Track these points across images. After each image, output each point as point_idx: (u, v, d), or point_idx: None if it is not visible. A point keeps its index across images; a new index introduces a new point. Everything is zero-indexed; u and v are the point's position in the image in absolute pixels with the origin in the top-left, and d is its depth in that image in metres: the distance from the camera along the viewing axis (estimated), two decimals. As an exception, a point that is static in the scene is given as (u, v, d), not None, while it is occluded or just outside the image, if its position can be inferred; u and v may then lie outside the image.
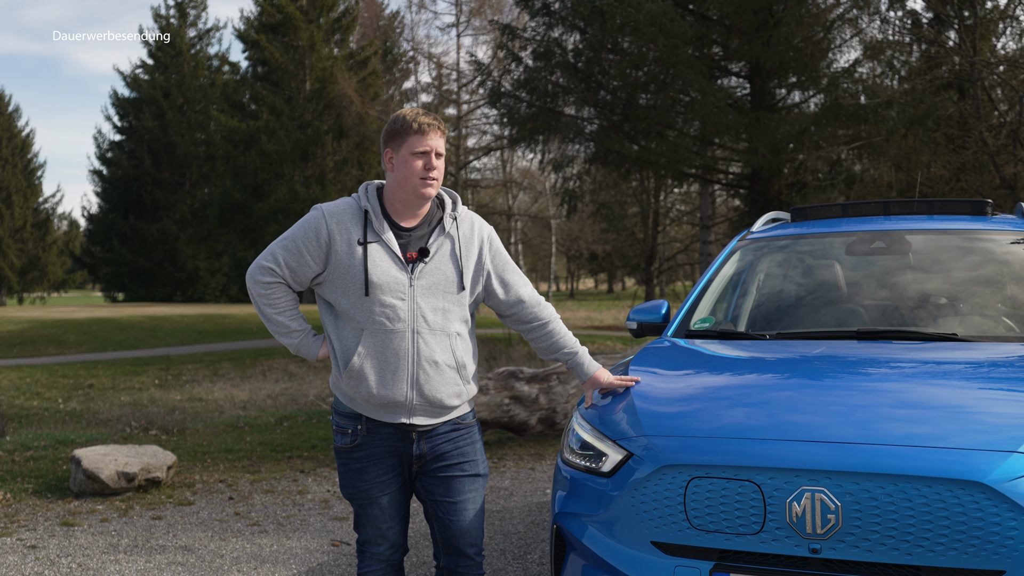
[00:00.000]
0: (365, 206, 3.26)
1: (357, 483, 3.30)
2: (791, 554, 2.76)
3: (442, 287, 3.24)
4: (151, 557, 5.28)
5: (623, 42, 16.55)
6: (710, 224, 23.17)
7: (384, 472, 3.29)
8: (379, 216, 3.24)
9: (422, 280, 3.21)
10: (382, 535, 3.35)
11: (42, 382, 16.53)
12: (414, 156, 3.18)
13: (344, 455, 3.33)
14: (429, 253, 3.23)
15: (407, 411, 3.22)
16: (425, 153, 3.18)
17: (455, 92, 36.33)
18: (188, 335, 25.72)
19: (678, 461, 2.96)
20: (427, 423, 3.26)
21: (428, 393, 3.21)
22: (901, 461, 2.73)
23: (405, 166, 3.19)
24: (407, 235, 3.26)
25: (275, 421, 10.57)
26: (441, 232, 3.29)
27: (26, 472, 7.33)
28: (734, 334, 4.43)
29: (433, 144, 3.20)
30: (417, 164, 3.18)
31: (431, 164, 3.19)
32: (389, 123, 3.26)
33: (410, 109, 3.25)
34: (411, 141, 3.19)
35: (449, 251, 3.28)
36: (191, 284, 50.34)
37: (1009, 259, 4.48)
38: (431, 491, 3.34)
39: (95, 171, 53.01)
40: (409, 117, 3.20)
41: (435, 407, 3.25)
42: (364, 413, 3.26)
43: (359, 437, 3.27)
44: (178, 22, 51.75)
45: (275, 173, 42.10)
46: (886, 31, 16.96)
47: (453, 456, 3.32)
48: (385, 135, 3.26)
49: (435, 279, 3.23)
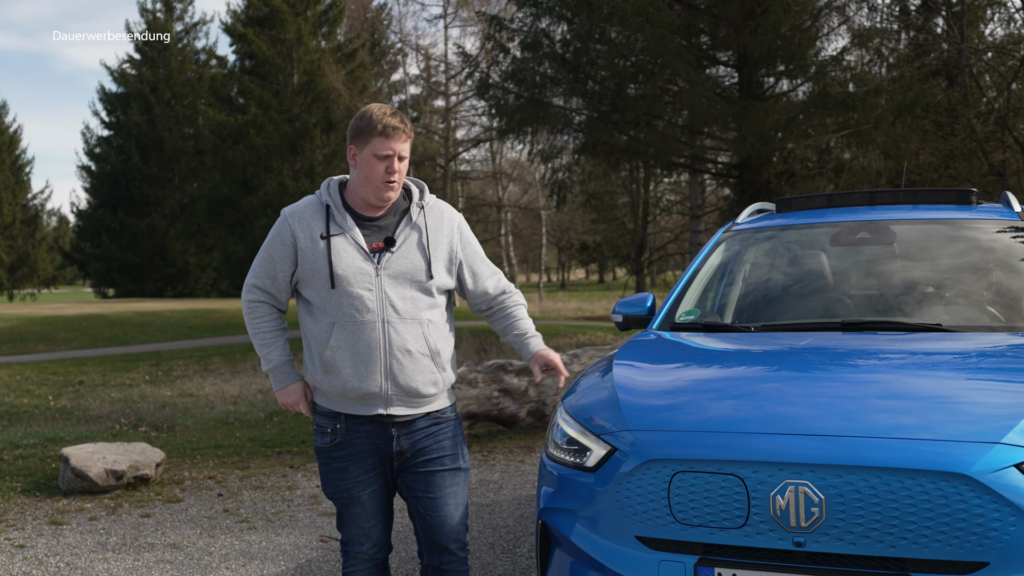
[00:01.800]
0: (326, 200, 3.27)
1: (338, 482, 3.31)
2: (775, 547, 2.75)
3: (409, 275, 3.23)
4: (139, 555, 5.27)
5: (611, 32, 16.54)
6: (700, 214, 23.18)
7: (365, 471, 3.29)
8: (341, 209, 3.25)
9: (389, 269, 3.21)
10: (364, 534, 3.35)
11: (32, 379, 16.48)
12: (376, 159, 3.17)
13: (324, 454, 3.33)
14: (395, 243, 3.23)
15: (383, 402, 3.22)
16: (388, 157, 3.17)
17: (443, 84, 36.26)
18: (178, 330, 25.67)
19: (662, 455, 2.95)
20: (405, 413, 3.25)
21: (403, 382, 3.21)
22: (884, 453, 2.72)
23: (367, 167, 3.19)
24: (372, 225, 3.27)
25: (265, 416, 10.55)
26: (408, 222, 3.29)
27: (15, 471, 7.30)
28: (719, 326, 4.42)
29: (397, 148, 3.18)
30: (379, 167, 3.18)
31: (393, 168, 3.18)
32: (356, 119, 3.25)
33: (378, 107, 3.23)
34: (375, 143, 3.17)
35: (416, 241, 3.27)
36: (181, 279, 50.24)
37: (994, 248, 4.47)
38: (412, 487, 3.33)
39: (83, 167, 52.83)
40: (375, 118, 3.18)
41: (411, 396, 3.24)
42: (341, 410, 3.26)
43: (338, 436, 3.27)
44: (165, 16, 51.53)
45: (264, 167, 42.02)
46: (874, 18, 16.99)
47: (432, 451, 3.31)
48: (351, 131, 3.25)
49: (402, 267, 3.22)
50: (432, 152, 37.29)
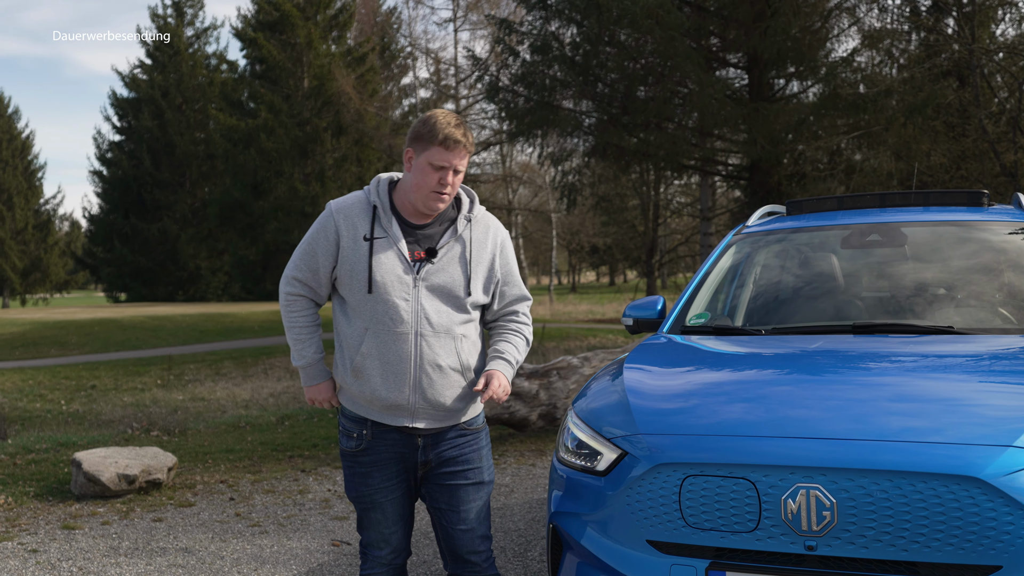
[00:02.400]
0: (374, 201, 3.18)
1: (360, 487, 3.27)
2: (787, 551, 2.75)
3: (447, 289, 3.16)
4: (151, 559, 5.28)
5: (620, 35, 16.54)
6: (710, 216, 23.16)
7: (388, 478, 3.25)
8: (388, 212, 3.17)
9: (427, 281, 3.14)
10: (384, 539, 3.32)
11: (45, 384, 16.55)
12: (432, 168, 3.09)
13: (349, 458, 3.29)
14: (437, 254, 3.15)
15: (410, 414, 3.17)
16: (443, 168, 3.09)
17: (453, 87, 36.29)
18: (190, 334, 25.74)
19: (672, 459, 2.95)
20: (431, 427, 3.20)
21: (431, 397, 3.15)
22: (895, 456, 2.71)
23: (421, 174, 3.11)
24: (416, 233, 3.18)
25: (276, 420, 10.57)
26: (453, 234, 3.20)
27: (27, 475, 7.33)
28: (730, 329, 4.41)
29: (454, 162, 3.09)
30: (432, 177, 3.09)
31: (446, 180, 3.10)
32: (419, 123, 3.15)
33: (443, 115, 3.13)
34: (433, 152, 3.08)
35: (459, 254, 3.20)
36: (192, 283, 50.38)
37: (1006, 250, 4.45)
38: (435, 499, 3.30)
39: (95, 172, 53.04)
40: (438, 126, 3.09)
41: (438, 411, 3.18)
42: (368, 416, 3.21)
43: (364, 442, 3.23)
44: (175, 21, 51.71)
45: (274, 171, 42.13)
46: (884, 19, 16.94)
47: (458, 463, 3.27)
48: (412, 134, 3.15)
49: (441, 280, 3.15)
50: (442, 155, 37.28)
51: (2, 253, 54.52)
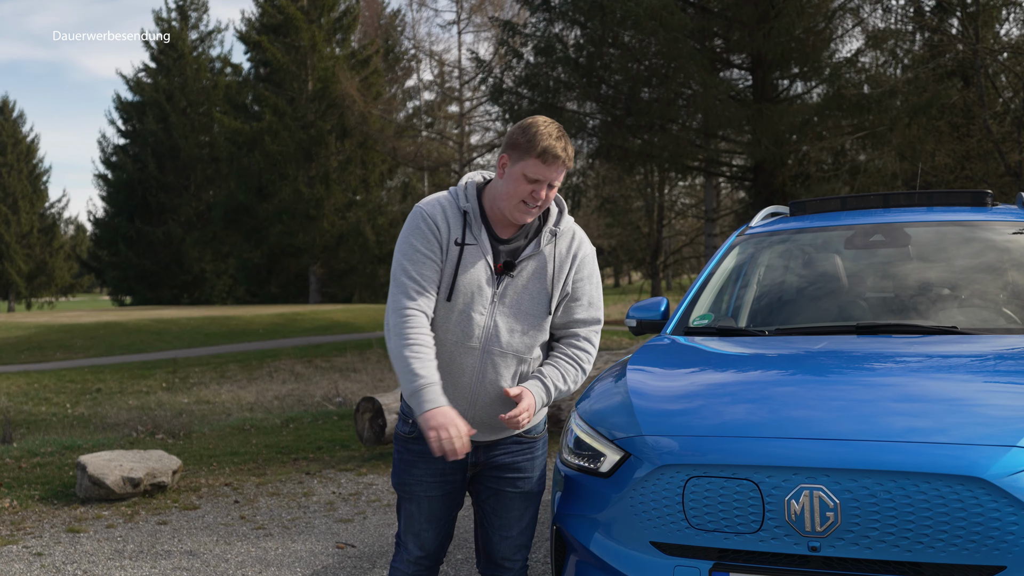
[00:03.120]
0: (465, 207, 3.03)
1: (404, 475, 3.16)
2: (790, 552, 2.74)
3: (525, 308, 3.03)
4: (156, 562, 5.29)
5: (624, 36, 16.54)
6: (715, 217, 23.14)
7: (433, 473, 3.12)
8: (478, 220, 3.03)
9: (506, 298, 3.01)
10: (415, 535, 3.20)
11: (50, 387, 16.58)
12: (525, 179, 2.93)
13: (401, 442, 3.18)
14: (514, 268, 3.01)
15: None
16: (537, 182, 2.93)
17: (457, 89, 36.33)
18: (195, 337, 25.77)
19: (675, 461, 2.94)
20: (484, 440, 3.11)
21: (485, 418, 3.05)
22: (899, 457, 2.71)
23: (513, 182, 2.94)
24: (501, 245, 3.04)
25: (281, 423, 10.58)
26: (536, 247, 3.05)
27: (32, 479, 7.34)
28: (733, 330, 4.41)
29: (550, 176, 2.93)
30: (524, 188, 2.94)
31: (539, 195, 2.94)
32: (518, 130, 2.98)
33: (545, 125, 2.95)
34: (529, 163, 2.92)
35: (540, 270, 3.05)
36: (197, 286, 50.41)
37: (1010, 250, 4.45)
38: (482, 499, 3.24)
39: (100, 175, 53.08)
40: (539, 137, 2.92)
41: (494, 429, 3.09)
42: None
43: (418, 430, 3.06)
44: (179, 25, 51.76)
45: (279, 174, 42.18)
46: (888, 20, 16.93)
47: (509, 469, 3.18)
48: (509, 140, 2.99)
49: (519, 298, 3.02)
50: (446, 157, 37.37)
51: (7, 257, 54.64)
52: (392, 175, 45.04)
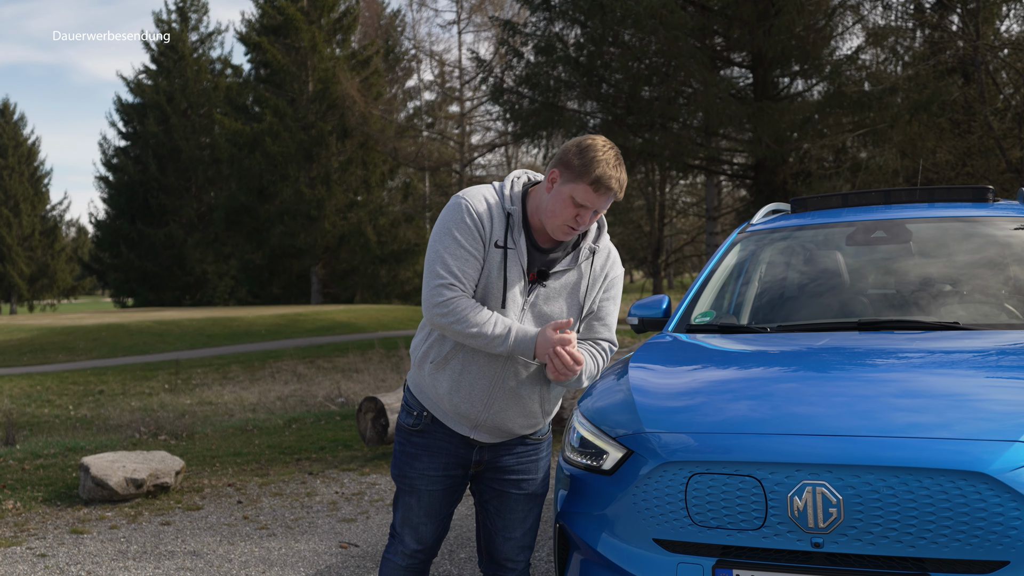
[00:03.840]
0: (511, 209, 2.95)
1: (405, 467, 3.13)
2: (793, 549, 2.74)
3: (554, 319, 2.97)
4: (160, 563, 5.29)
5: (624, 35, 16.54)
6: (716, 215, 23.13)
7: (436, 468, 3.10)
8: (519, 226, 2.95)
9: (536, 307, 2.97)
10: (412, 527, 3.18)
11: (53, 389, 16.59)
12: (572, 202, 2.85)
13: (403, 434, 3.16)
14: (548, 277, 2.96)
15: (471, 426, 3.05)
16: (584, 207, 2.86)
17: (458, 89, 36.32)
18: (197, 339, 25.78)
19: (678, 458, 2.94)
20: (490, 441, 3.10)
21: (500, 422, 3.04)
22: (901, 453, 2.71)
23: (559, 202, 2.86)
24: (538, 253, 2.98)
25: (284, 423, 10.59)
26: (573, 261, 3.00)
27: (36, 480, 7.35)
28: (735, 328, 4.41)
29: (598, 204, 2.86)
30: (569, 211, 2.86)
31: (583, 219, 2.87)
32: (577, 150, 2.87)
33: (604, 147, 2.87)
34: (579, 188, 2.84)
35: (574, 283, 3.01)
36: (199, 288, 50.42)
37: (1011, 246, 4.45)
38: (485, 499, 3.23)
39: (101, 177, 53.09)
40: (595, 164, 2.83)
41: (503, 433, 3.09)
42: (431, 410, 3.07)
43: (423, 423, 3.09)
44: (180, 26, 51.77)
45: (280, 175, 42.18)
46: (888, 17, 16.92)
47: (513, 471, 3.17)
48: (563, 157, 2.89)
49: (549, 309, 2.98)
50: (447, 157, 37.37)
51: (9, 259, 54.67)
52: (393, 176, 45.05)
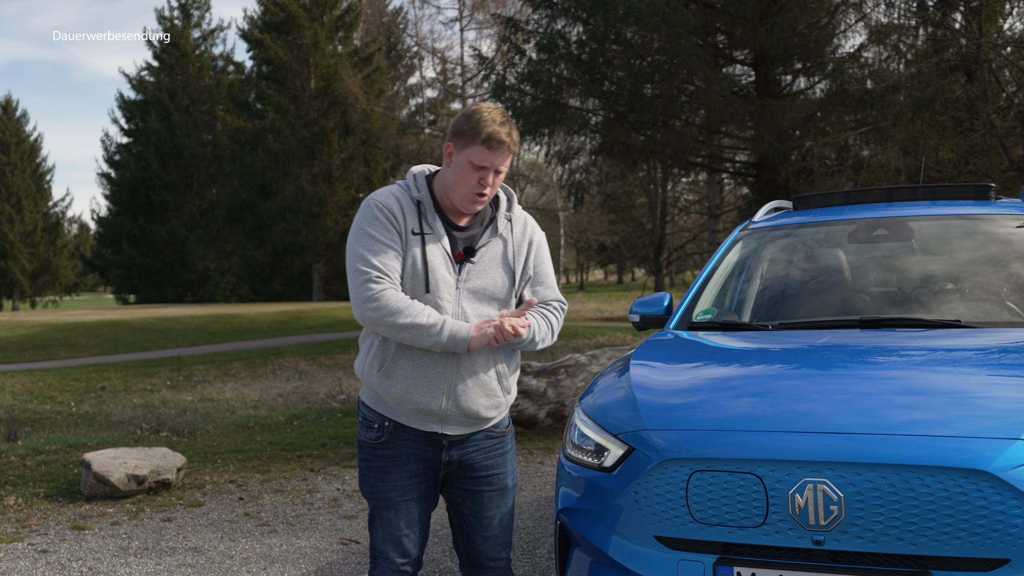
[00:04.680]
0: (418, 197, 3.02)
1: (376, 482, 3.10)
2: (794, 546, 2.74)
3: (489, 292, 3.02)
4: (161, 559, 5.29)
5: (626, 32, 16.52)
6: (718, 213, 23.11)
7: (407, 476, 3.08)
8: (432, 211, 3.01)
9: (469, 283, 3.00)
10: (395, 542, 3.13)
11: (54, 386, 16.59)
12: (472, 167, 2.93)
13: (368, 450, 3.12)
14: (475, 253, 3.01)
15: (440, 421, 3.03)
16: (484, 168, 2.93)
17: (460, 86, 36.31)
18: (199, 336, 25.79)
19: (679, 455, 2.94)
20: (460, 433, 3.08)
21: (464, 405, 3.02)
22: (903, 450, 2.70)
23: (460, 171, 2.95)
24: (457, 233, 3.03)
25: (285, 420, 10.59)
26: (493, 233, 3.07)
27: (37, 476, 7.35)
28: (736, 325, 4.40)
29: (496, 162, 2.93)
30: (472, 177, 2.94)
31: (487, 181, 2.94)
32: (462, 117, 2.98)
33: (489, 111, 2.95)
34: (474, 150, 2.92)
35: (500, 253, 3.06)
36: (201, 285, 50.49)
37: (1013, 243, 4.44)
38: (458, 503, 3.21)
39: (103, 174, 53.18)
40: (483, 123, 2.92)
41: (470, 418, 3.06)
42: (394, 417, 3.06)
43: (386, 434, 3.07)
44: (182, 23, 51.80)
45: (282, 172, 42.22)
46: (891, 15, 16.90)
47: (483, 467, 3.16)
48: (454, 128, 2.98)
49: (483, 283, 3.01)
50: (449, 155, 37.29)
51: (11, 256, 54.71)
52: (395, 173, 45.06)
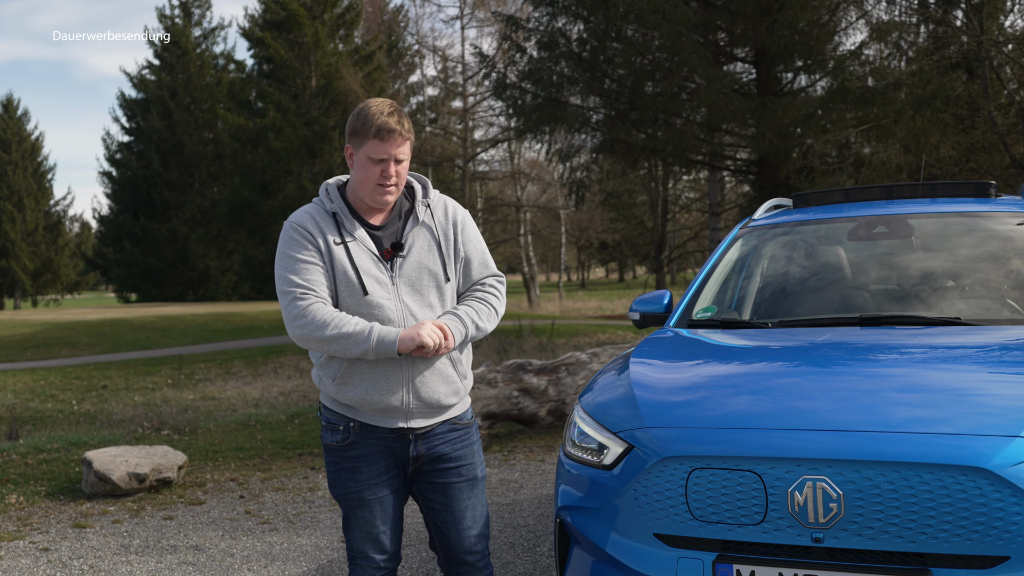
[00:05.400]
0: (332, 208, 3.08)
1: (348, 483, 3.12)
2: (794, 544, 2.73)
3: (425, 280, 3.07)
4: (162, 557, 5.30)
5: (627, 30, 16.50)
6: (719, 211, 23.09)
7: (378, 473, 3.12)
8: (348, 216, 3.07)
9: (404, 277, 3.05)
10: (373, 539, 3.16)
11: (56, 384, 16.61)
12: (371, 162, 2.99)
13: (335, 453, 3.15)
14: (404, 247, 3.07)
15: (404, 415, 3.07)
16: (383, 161, 2.98)
17: (461, 85, 36.28)
18: (200, 334, 25.81)
19: (678, 453, 2.94)
20: (425, 424, 3.11)
21: (425, 395, 3.06)
22: (902, 448, 2.70)
23: (362, 168, 3.01)
24: (379, 232, 3.09)
25: (286, 418, 10.60)
26: (415, 223, 3.11)
27: (39, 475, 7.36)
28: (736, 323, 4.40)
29: (392, 152, 2.98)
30: (374, 171, 3.00)
31: (388, 172, 2.99)
32: (353, 116, 3.03)
33: (376, 105, 3.01)
34: (369, 145, 2.98)
35: (428, 240, 3.11)
36: (202, 283, 50.50)
37: (1013, 241, 4.44)
38: (429, 498, 3.21)
39: (104, 173, 53.22)
40: (370, 116, 2.98)
41: (432, 408, 3.10)
42: (357, 418, 3.10)
43: (352, 434, 3.10)
44: (183, 22, 51.79)
45: (283, 170, 42.20)
46: (892, 12, 16.89)
47: (450, 459, 3.18)
48: (348, 128, 3.04)
49: (417, 274, 3.07)
50: (450, 153, 37.34)
51: (13, 255, 54.74)
52: (396, 171, 44.98)
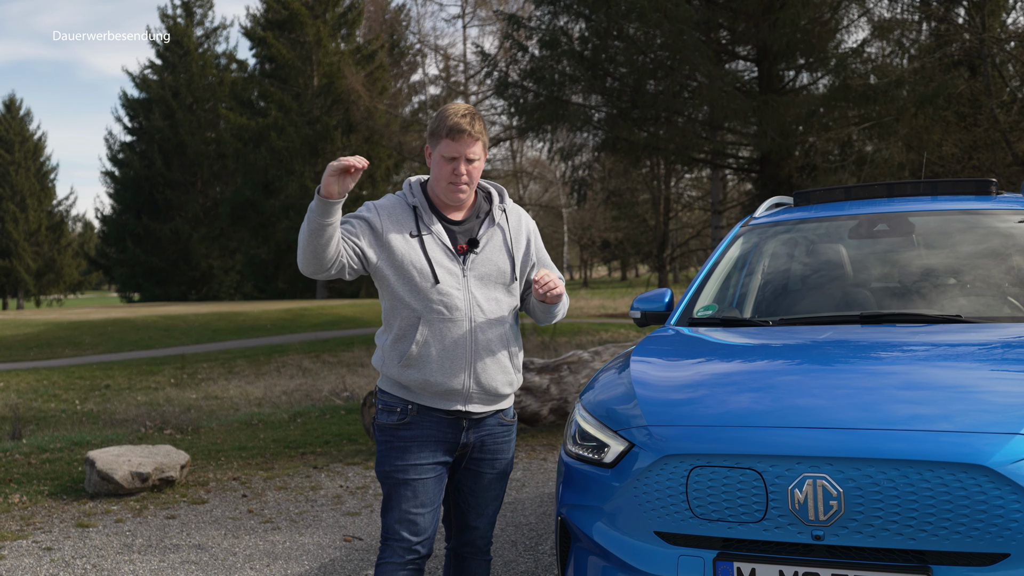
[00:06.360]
0: (413, 203, 3.28)
1: (396, 460, 3.23)
2: (794, 541, 2.74)
3: (494, 277, 3.27)
4: (165, 556, 5.31)
5: (629, 28, 16.52)
6: (721, 209, 23.09)
7: (426, 456, 3.24)
8: (428, 211, 3.27)
9: (475, 271, 3.24)
10: (410, 520, 3.21)
11: (59, 384, 16.63)
12: (444, 160, 3.19)
13: (388, 432, 3.28)
14: (479, 244, 3.27)
15: (463, 399, 3.23)
16: (454, 159, 3.18)
17: (463, 84, 36.30)
18: (203, 334, 25.82)
19: (679, 451, 2.95)
20: (481, 411, 3.27)
21: (485, 382, 3.23)
22: (902, 445, 2.71)
23: (437, 166, 3.22)
24: (455, 227, 3.29)
25: (289, 418, 10.61)
26: (491, 223, 3.32)
27: (42, 474, 7.37)
28: (737, 321, 4.41)
29: (463, 151, 3.17)
30: (446, 169, 3.20)
31: (459, 171, 3.18)
32: (434, 117, 3.26)
33: (454, 108, 3.22)
34: (443, 144, 3.18)
35: (500, 242, 3.32)
36: (205, 283, 50.53)
37: (1014, 238, 4.43)
38: (460, 480, 3.38)
39: (107, 172, 53.23)
40: (445, 118, 3.19)
41: (490, 395, 3.27)
42: (417, 401, 3.23)
43: (409, 416, 3.25)
44: (185, 21, 51.82)
45: (285, 170, 42.24)
46: (894, 9, 16.88)
47: (491, 451, 3.36)
48: (428, 130, 3.27)
49: (487, 269, 3.26)
50: (452, 152, 37.30)
51: (16, 255, 54.82)
52: (398, 170, 45.08)
